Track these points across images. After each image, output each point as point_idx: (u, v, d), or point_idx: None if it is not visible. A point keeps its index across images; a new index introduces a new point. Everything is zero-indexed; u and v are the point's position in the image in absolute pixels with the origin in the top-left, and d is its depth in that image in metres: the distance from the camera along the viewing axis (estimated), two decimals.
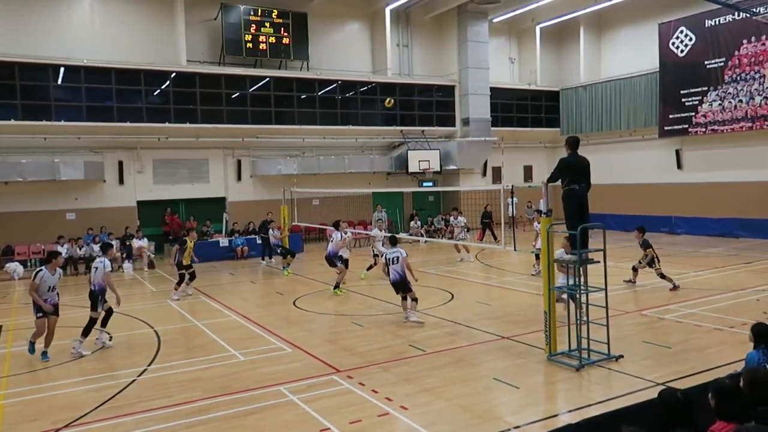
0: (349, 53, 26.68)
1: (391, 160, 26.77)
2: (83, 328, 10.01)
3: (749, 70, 22.34)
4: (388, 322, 11.48)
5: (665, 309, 11.58)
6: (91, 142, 21.52)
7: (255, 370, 8.72)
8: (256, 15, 23.61)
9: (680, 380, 7.45)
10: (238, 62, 23.66)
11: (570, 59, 30.64)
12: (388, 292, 14.32)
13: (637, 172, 26.85)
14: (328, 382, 8.07)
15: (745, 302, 12.01)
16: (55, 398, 7.89)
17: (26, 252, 20.57)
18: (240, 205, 23.97)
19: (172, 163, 23.32)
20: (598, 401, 7.09)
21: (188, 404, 7.42)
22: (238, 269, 19.42)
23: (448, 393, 7.53)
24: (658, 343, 9.28)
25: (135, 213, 22.56)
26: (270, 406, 7.31)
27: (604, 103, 28.23)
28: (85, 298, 10.44)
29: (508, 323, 11.01)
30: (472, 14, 26.93)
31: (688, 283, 14.27)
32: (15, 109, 19.74)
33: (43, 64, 20.05)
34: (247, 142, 24.14)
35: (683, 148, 25.26)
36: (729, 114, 23.03)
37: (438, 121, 27.60)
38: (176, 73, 22.29)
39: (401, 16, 27.41)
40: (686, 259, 18.16)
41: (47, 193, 21.06)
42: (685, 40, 24.19)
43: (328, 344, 9.99)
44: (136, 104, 21.71)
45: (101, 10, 22.13)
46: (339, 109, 25.50)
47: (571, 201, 8.70)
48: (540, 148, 31.44)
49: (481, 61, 27.36)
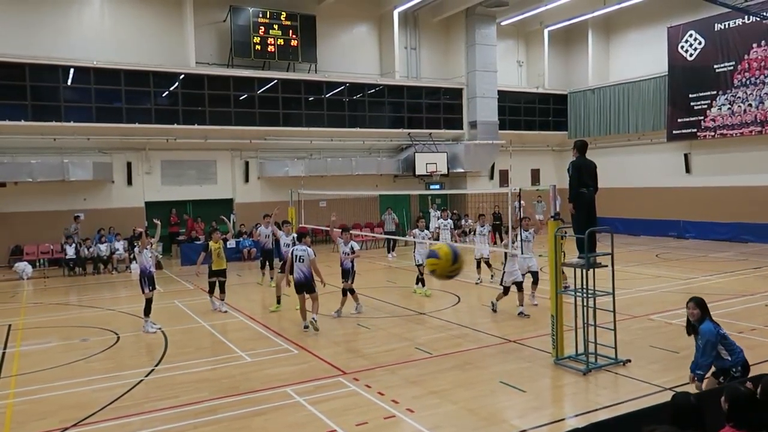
0: (357, 56, 26.74)
1: (398, 163, 26.79)
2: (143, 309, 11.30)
3: (759, 74, 22.22)
4: (395, 324, 11.48)
5: (673, 313, 11.51)
6: (100, 142, 21.66)
7: (262, 371, 8.74)
8: (264, 17, 23.71)
9: (688, 385, 7.39)
10: (246, 64, 23.76)
11: (578, 62, 30.58)
12: (393, 295, 14.35)
13: (646, 176, 26.75)
14: (335, 384, 8.07)
15: (754, 307, 11.94)
16: (63, 397, 7.93)
17: (35, 252, 20.69)
18: (247, 207, 24.02)
19: (180, 164, 23.43)
20: (605, 405, 7.06)
21: (195, 405, 7.44)
22: (245, 270, 19.47)
23: (455, 396, 7.52)
24: (666, 348, 9.24)
25: (143, 213, 22.64)
26: (276, 407, 7.33)
27: (613, 106, 28.14)
28: (94, 298, 10.53)
29: (515, 326, 10.98)
30: (480, 17, 26.93)
31: (696, 287, 14.19)
32: (25, 109, 19.88)
33: (53, 65, 20.21)
34: (254, 143, 24.21)
35: (692, 151, 25.14)
36: (738, 118, 22.91)
37: (445, 124, 27.61)
38: (185, 75, 22.41)
39: (409, 18, 27.44)
40: (695, 264, 18.07)
41: (56, 194, 21.19)
42: (694, 44, 24.10)
43: (334, 346, 10.00)
44: (145, 105, 21.84)
45: (111, 12, 22.29)
46: (347, 111, 25.54)
47: (580, 205, 8.68)
48: (548, 151, 31.37)
49: (489, 64, 27.34)
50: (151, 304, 11.30)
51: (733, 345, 6.01)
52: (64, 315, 13.45)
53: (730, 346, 5.96)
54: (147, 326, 11.23)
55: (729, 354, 5.94)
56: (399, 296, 14.24)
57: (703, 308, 6.20)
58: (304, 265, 10.93)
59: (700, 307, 6.19)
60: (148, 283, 11.25)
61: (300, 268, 10.93)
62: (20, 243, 20.77)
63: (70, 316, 13.30)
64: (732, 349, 5.97)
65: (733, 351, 5.97)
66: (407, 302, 13.50)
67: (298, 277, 10.99)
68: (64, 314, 13.53)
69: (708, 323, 6.06)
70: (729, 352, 5.94)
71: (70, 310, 14.08)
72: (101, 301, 14.79)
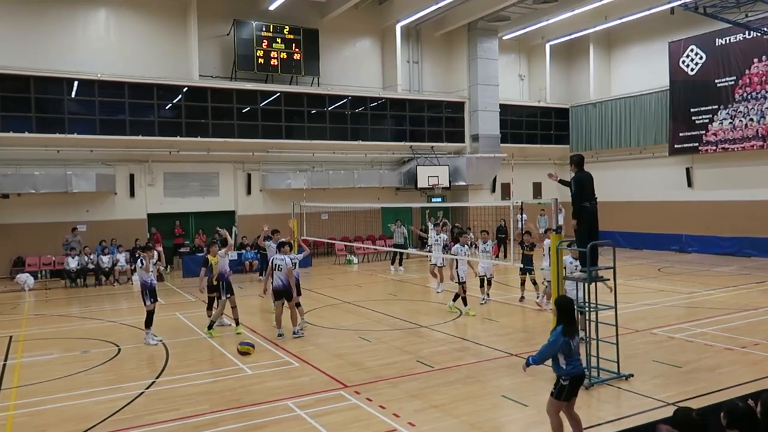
0: (360, 69, 26.90)
1: (400, 176, 26.84)
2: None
3: (760, 88, 22.30)
4: (396, 337, 11.45)
5: (676, 328, 11.48)
6: (103, 154, 21.75)
7: (263, 384, 8.72)
8: (268, 31, 23.89)
9: (691, 400, 7.37)
10: (249, 77, 23.91)
11: (580, 76, 30.70)
12: (395, 307, 14.32)
13: (647, 190, 26.77)
14: (336, 397, 8.05)
15: (757, 322, 11.89)
16: (64, 409, 7.91)
17: (37, 263, 20.71)
18: (249, 219, 24.05)
19: (182, 176, 23.50)
20: (608, 420, 7.03)
21: (196, 417, 7.41)
22: (246, 283, 19.45)
23: (456, 410, 7.49)
24: (668, 363, 9.20)
25: (145, 225, 22.69)
26: (277, 420, 7.30)
27: (614, 120, 28.22)
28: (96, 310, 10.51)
29: (517, 340, 10.95)
30: (482, 31, 27.11)
31: (699, 302, 14.16)
32: (29, 121, 20.01)
33: (57, 77, 20.38)
34: (257, 156, 24.29)
35: (694, 166, 25.17)
36: (740, 132, 22.96)
37: (447, 137, 27.69)
38: (188, 88, 22.54)
39: (412, 32, 27.63)
40: (697, 278, 18.03)
41: (59, 205, 21.25)
42: (695, 59, 24.21)
43: (335, 359, 9.97)
44: (148, 118, 21.95)
45: (116, 25, 22.48)
46: (349, 124, 25.65)
47: (583, 219, 8.69)
48: (549, 164, 31.36)
49: (491, 78, 27.48)
50: (152, 317, 11.31)
51: (574, 358, 6.04)
52: (65, 327, 13.44)
53: (571, 358, 6.01)
54: (148, 338, 11.24)
55: (566, 363, 5.99)
56: (400, 309, 14.21)
57: (560, 312, 6.23)
58: (282, 274, 11.38)
59: (558, 310, 6.27)
60: (149, 296, 11.28)
61: (279, 276, 11.39)
62: (22, 254, 20.80)
63: (71, 328, 13.28)
64: (571, 360, 6.01)
65: (571, 362, 6.01)
66: (409, 315, 13.47)
67: (277, 285, 11.43)
68: (66, 326, 13.52)
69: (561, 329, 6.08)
70: (567, 362, 6.00)
71: (72, 321, 14.06)
72: (102, 313, 14.77)
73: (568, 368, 5.97)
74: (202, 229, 22.97)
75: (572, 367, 5.99)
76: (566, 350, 5.96)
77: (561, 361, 5.98)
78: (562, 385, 5.98)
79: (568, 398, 6.04)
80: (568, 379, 5.96)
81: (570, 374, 5.96)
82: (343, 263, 23.91)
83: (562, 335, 6.01)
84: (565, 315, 6.20)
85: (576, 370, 6.02)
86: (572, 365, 6.00)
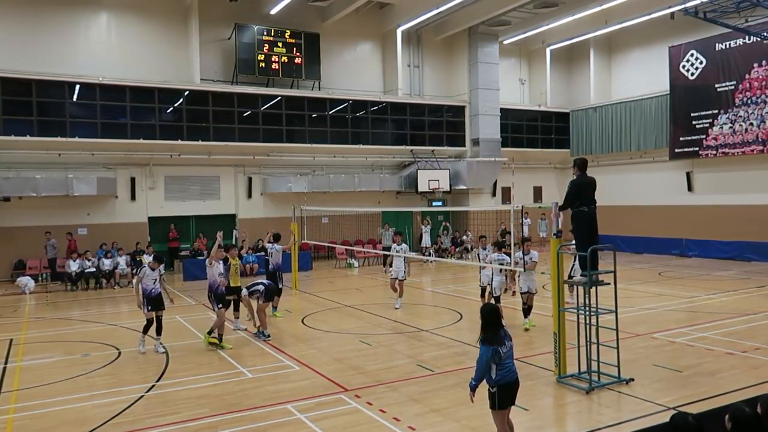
0: (361, 73, 26.95)
1: (400, 179, 26.87)
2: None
3: (760, 93, 22.32)
4: (396, 341, 11.45)
5: (676, 332, 11.47)
6: (104, 158, 21.77)
7: (263, 388, 8.71)
8: (269, 35, 23.95)
9: (691, 405, 7.37)
10: (250, 81, 23.95)
11: (580, 81, 30.76)
12: (395, 311, 14.31)
13: (648, 194, 26.78)
14: (336, 401, 8.04)
15: (758, 326, 11.87)
16: (64, 412, 7.91)
17: (38, 266, 20.73)
18: (250, 222, 24.07)
19: (183, 179, 23.53)
20: (608, 425, 7.03)
21: (196, 421, 7.41)
22: None
23: (457, 414, 7.48)
24: (669, 367, 9.19)
25: (146, 229, 22.71)
26: (277, 424, 7.29)
27: (615, 124, 28.26)
28: (96, 313, 10.50)
29: (517, 344, 10.87)
30: (483, 36, 27.17)
31: (699, 306, 14.15)
32: (31, 125, 20.05)
33: (59, 81, 20.42)
34: (258, 159, 24.32)
35: (694, 170, 25.19)
36: (740, 137, 22.98)
37: (448, 141, 27.72)
38: (189, 92, 22.60)
39: (412, 37, 27.69)
40: (697, 282, 18.02)
41: (60, 209, 21.27)
42: (695, 63, 24.25)
43: (336, 363, 9.97)
44: (149, 121, 21.99)
45: (117, 29, 22.54)
46: (350, 128, 25.69)
47: (582, 223, 8.69)
48: (550, 168, 31.46)
49: (492, 82, 27.53)
50: (150, 325, 10.96)
51: (504, 365, 5.96)
52: (65, 330, 13.43)
53: (501, 366, 5.94)
54: (140, 346, 10.93)
55: (495, 372, 5.94)
56: (400, 313, 14.20)
57: (482, 321, 6.06)
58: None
59: (481, 319, 6.08)
60: (147, 304, 10.89)
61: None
62: (23, 257, 20.83)
63: (71, 331, 13.28)
64: (501, 367, 5.94)
65: (501, 370, 5.94)
66: (409, 319, 13.46)
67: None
68: (66, 329, 13.52)
69: (480, 341, 6.01)
70: (497, 370, 5.93)
71: (72, 324, 14.06)
72: (103, 316, 14.76)
73: (496, 378, 5.91)
74: (202, 233, 23.00)
75: (500, 376, 5.92)
76: (496, 359, 5.89)
77: (492, 370, 5.91)
78: (491, 393, 5.94)
79: (503, 406, 5.98)
80: (495, 387, 5.91)
81: (497, 383, 5.91)
82: (344, 267, 23.91)
83: (484, 346, 5.91)
84: (486, 324, 6.04)
85: (504, 379, 5.93)
86: (502, 373, 5.93)
